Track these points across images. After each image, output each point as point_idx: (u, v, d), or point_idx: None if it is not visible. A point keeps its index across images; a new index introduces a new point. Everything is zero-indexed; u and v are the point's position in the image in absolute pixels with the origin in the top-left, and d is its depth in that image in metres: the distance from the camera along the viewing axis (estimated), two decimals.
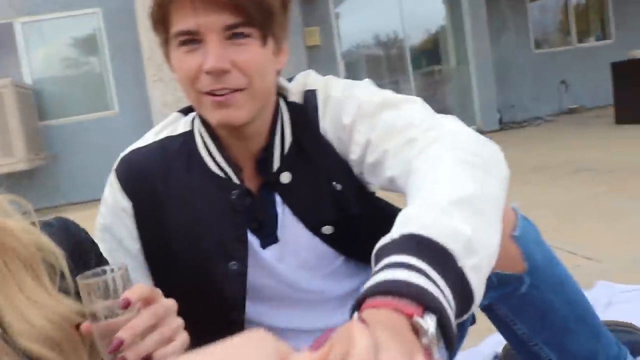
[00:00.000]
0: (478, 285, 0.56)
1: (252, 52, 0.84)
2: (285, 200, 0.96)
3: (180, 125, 0.99)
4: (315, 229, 0.97)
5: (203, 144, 0.95)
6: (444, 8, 8.26)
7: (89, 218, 1.04)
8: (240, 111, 0.85)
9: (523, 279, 0.85)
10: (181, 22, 0.83)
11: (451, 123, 0.84)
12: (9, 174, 5.85)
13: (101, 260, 0.79)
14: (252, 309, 0.98)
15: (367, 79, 1.00)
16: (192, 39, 0.83)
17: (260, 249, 0.96)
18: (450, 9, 8.16)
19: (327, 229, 0.97)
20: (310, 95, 0.96)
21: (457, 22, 8.05)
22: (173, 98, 2.39)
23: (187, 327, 0.73)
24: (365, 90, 0.94)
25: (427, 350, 0.47)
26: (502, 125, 8.18)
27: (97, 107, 6.53)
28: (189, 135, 0.96)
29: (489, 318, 0.97)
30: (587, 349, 0.89)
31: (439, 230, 0.56)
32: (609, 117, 6.86)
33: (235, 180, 0.93)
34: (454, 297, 0.53)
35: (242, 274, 0.94)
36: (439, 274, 0.52)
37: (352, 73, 7.73)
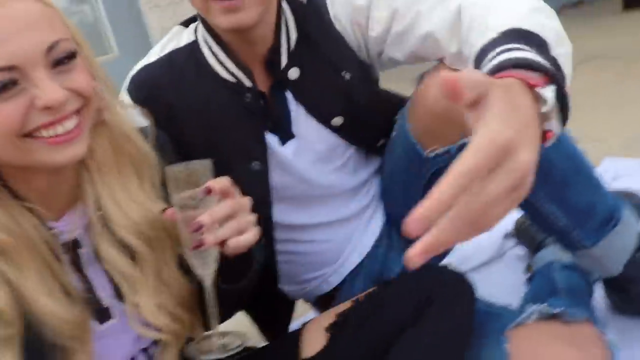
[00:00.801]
0: (568, 73, 0.64)
1: None
2: (297, 96, 1.00)
3: (183, 37, 1.02)
4: (326, 122, 1.02)
5: (210, 51, 0.98)
6: None
7: None
8: (249, 12, 0.88)
9: None
10: None
11: None
12: None
13: None
14: (274, 209, 1.05)
15: None
16: None
17: (278, 146, 1.01)
18: None
19: (337, 120, 1.02)
20: None
21: None
22: (172, 22, 2.38)
23: None
24: None
25: (545, 118, 0.54)
26: None
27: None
28: (194, 45, 1.00)
29: None
30: (586, 200, 0.94)
31: (532, 24, 0.66)
32: (617, 4, 6.63)
33: (247, 83, 0.97)
34: None
35: (264, 172, 1.00)
36: (543, 58, 0.59)
37: None
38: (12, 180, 0.73)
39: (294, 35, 0.99)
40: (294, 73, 0.99)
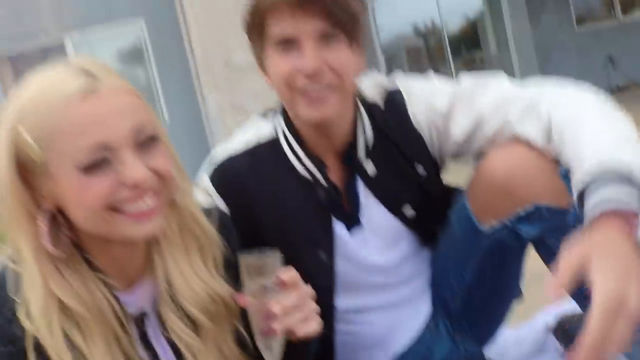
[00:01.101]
0: None
1: (342, 54, 0.97)
2: (369, 187, 1.07)
3: (263, 129, 1.10)
4: (396, 211, 1.08)
5: (289, 146, 1.06)
6: None
7: None
8: (332, 107, 0.97)
9: (569, 212, 0.92)
10: (280, 28, 0.95)
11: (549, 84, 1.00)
12: None
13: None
14: (336, 294, 1.10)
15: (430, 73, 1.13)
16: (289, 43, 0.95)
17: (345, 235, 1.07)
18: None
19: (407, 210, 1.09)
20: (393, 93, 1.09)
21: (494, 6, 7.99)
22: (228, 102, 2.54)
23: None
24: (442, 81, 1.09)
25: None
26: None
27: None
28: (275, 140, 1.08)
29: (540, 251, 1.03)
30: None
31: (625, 158, 0.79)
32: None
33: (321, 178, 1.05)
34: None
35: (330, 261, 1.06)
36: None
37: (392, 64, 7.77)
38: (90, 251, 0.80)
39: (369, 133, 1.07)
40: (370, 167, 1.07)
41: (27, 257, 0.75)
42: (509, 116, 0.99)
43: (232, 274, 0.85)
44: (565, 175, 0.91)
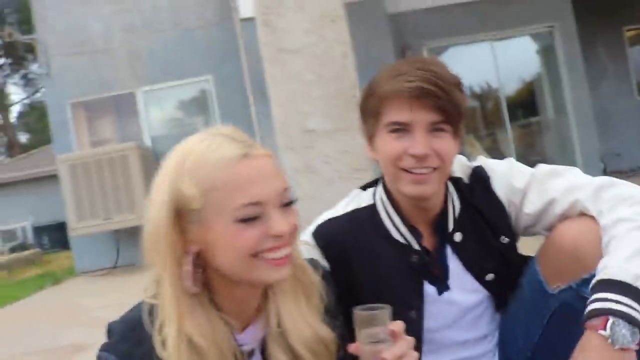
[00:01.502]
0: None
1: (447, 142, 1.11)
2: (457, 254, 1.18)
3: (363, 198, 1.23)
4: (480, 277, 1.18)
5: (386, 214, 1.18)
6: (539, 57, 8.21)
7: None
8: (432, 187, 1.11)
9: None
10: (396, 115, 1.08)
11: (623, 185, 1.10)
12: (132, 227, 6.37)
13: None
14: (424, 352, 1.19)
15: (509, 158, 1.23)
16: (402, 129, 1.08)
17: (434, 297, 1.17)
18: (545, 58, 8.10)
19: (490, 277, 1.19)
20: (479, 170, 1.21)
21: (553, 72, 7.95)
22: (302, 165, 2.67)
23: None
24: (521, 165, 1.21)
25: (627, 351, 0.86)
26: (607, 175, 7.86)
27: None
28: (373, 207, 1.20)
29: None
30: None
31: (626, 274, 0.92)
32: None
33: (415, 245, 1.16)
34: None
35: (420, 320, 1.16)
36: (628, 297, 0.90)
37: None
38: (217, 292, 0.91)
39: (457, 206, 1.20)
40: (458, 236, 1.19)
41: (168, 295, 0.86)
42: (579, 197, 1.10)
43: (330, 321, 0.98)
44: None
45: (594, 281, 0.95)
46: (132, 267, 6.50)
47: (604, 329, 0.88)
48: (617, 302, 0.90)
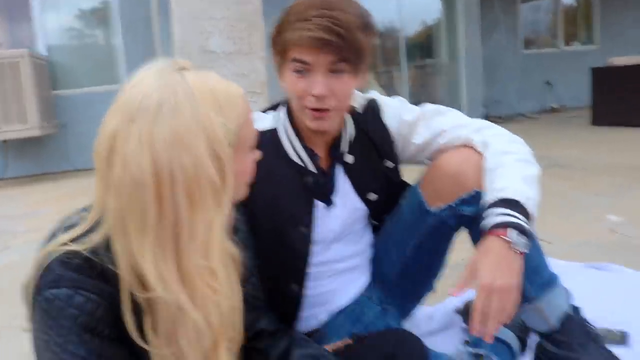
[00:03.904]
0: (536, 197, 1.13)
1: (346, 83, 1.17)
2: (347, 174, 1.32)
3: (266, 122, 1.32)
4: (364, 196, 1.34)
5: (287, 138, 1.29)
6: (441, 3, 8.42)
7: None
8: (330, 122, 1.22)
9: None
10: (299, 55, 1.15)
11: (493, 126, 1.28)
12: (22, 139, 6.14)
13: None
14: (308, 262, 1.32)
15: (399, 97, 1.40)
16: (304, 69, 1.16)
17: (322, 212, 1.31)
18: (446, 4, 8.32)
19: (372, 196, 1.35)
20: (372, 102, 1.35)
21: (451, 19, 8.21)
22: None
23: (266, 274, 1.08)
24: (406, 101, 1.36)
25: (517, 251, 1.06)
26: (487, 119, 8.46)
27: (107, 80, 6.82)
28: (274, 132, 1.30)
29: (472, 231, 1.29)
30: (536, 263, 1.26)
31: (523, 192, 1.11)
32: (587, 118, 7.24)
33: (312, 167, 1.28)
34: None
35: (309, 235, 1.29)
36: (519, 213, 1.09)
37: None
38: None
39: (352, 131, 1.32)
40: (350, 158, 1.32)
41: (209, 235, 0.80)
42: (464, 131, 1.26)
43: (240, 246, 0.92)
44: None
45: (493, 199, 1.11)
46: (21, 179, 6.33)
47: (506, 236, 1.06)
48: (514, 216, 1.08)
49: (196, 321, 0.79)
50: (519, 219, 1.08)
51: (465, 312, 1.69)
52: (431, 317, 1.75)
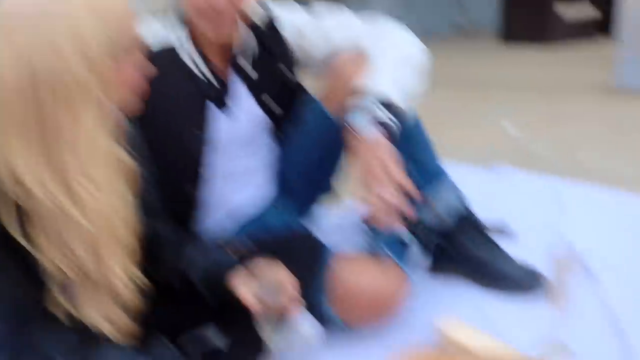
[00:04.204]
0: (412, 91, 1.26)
1: None
2: (245, 81, 1.37)
3: (158, 33, 1.32)
4: (261, 101, 1.39)
5: (188, 55, 1.32)
6: None
7: None
8: (229, 30, 1.28)
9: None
10: None
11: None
12: None
13: None
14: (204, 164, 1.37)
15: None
16: None
17: (220, 118, 1.35)
18: None
19: (267, 99, 1.39)
20: (271, 20, 1.40)
21: None
22: None
23: (162, 179, 1.09)
24: (303, 10, 1.42)
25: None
26: None
27: None
28: (173, 51, 1.32)
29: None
30: (427, 158, 1.41)
31: (399, 92, 1.22)
32: (497, 35, 7.27)
33: (213, 81, 1.33)
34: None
35: (201, 136, 1.33)
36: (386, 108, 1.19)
37: None
38: None
39: (254, 44, 1.36)
40: (254, 75, 1.37)
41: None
42: (354, 33, 1.35)
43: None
44: None
45: (363, 100, 1.19)
46: None
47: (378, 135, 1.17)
48: (380, 110, 1.19)
49: (79, 222, 0.81)
50: (379, 108, 1.18)
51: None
52: (340, 226, 1.83)
